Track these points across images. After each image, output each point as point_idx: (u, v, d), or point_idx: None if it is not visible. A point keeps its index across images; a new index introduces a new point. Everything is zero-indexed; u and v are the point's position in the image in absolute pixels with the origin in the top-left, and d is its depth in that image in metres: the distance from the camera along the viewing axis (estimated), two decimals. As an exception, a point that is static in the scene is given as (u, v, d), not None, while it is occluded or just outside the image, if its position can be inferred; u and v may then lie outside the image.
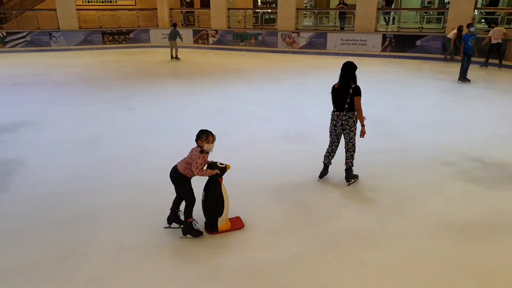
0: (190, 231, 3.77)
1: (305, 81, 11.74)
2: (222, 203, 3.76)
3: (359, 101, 4.49)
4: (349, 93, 4.47)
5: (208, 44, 20.05)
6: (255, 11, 21.50)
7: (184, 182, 3.69)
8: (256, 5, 23.89)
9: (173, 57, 15.77)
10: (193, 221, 3.78)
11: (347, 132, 4.70)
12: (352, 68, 4.51)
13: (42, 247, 3.65)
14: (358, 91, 4.48)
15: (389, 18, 19.00)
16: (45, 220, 4.13)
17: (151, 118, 7.99)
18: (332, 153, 4.93)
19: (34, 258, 3.50)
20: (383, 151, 5.96)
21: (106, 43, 20.66)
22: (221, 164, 3.72)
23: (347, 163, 4.90)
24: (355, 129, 4.69)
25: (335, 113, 4.68)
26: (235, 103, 9.15)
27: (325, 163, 4.99)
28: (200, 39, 20.34)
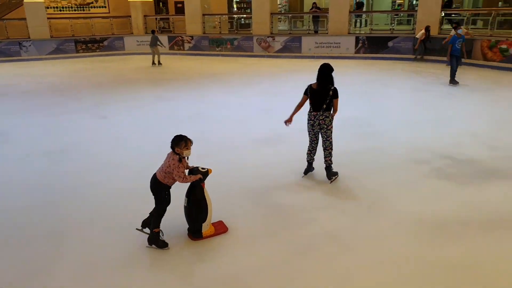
0: (155, 241, 3.65)
1: (281, 84, 11.78)
2: (206, 208, 3.73)
3: (338, 102, 4.76)
4: (328, 95, 4.66)
5: (184, 50, 19.92)
6: (230, 16, 21.51)
7: (163, 191, 3.58)
8: (231, 11, 23.91)
9: (154, 63, 15.94)
10: (160, 231, 3.67)
11: (324, 130, 4.85)
12: (329, 70, 4.70)
13: (7, 266, 3.50)
14: (337, 93, 4.71)
15: (360, 21, 19.30)
16: (11, 236, 3.96)
17: (125, 126, 7.83)
18: (313, 151, 5.10)
19: None
20: (357, 152, 6.02)
21: (79, 51, 20.22)
22: (202, 168, 3.68)
23: (326, 161, 5.02)
24: (331, 127, 4.86)
25: (312, 113, 4.82)
26: (211, 107, 9.09)
27: (308, 160, 5.15)
28: (175, 45, 20.18)
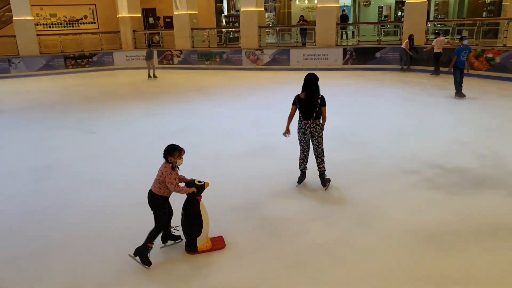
0: (142, 254, 3.54)
1: (270, 96, 11.81)
2: (201, 222, 3.69)
3: (326, 110, 4.88)
4: (317, 103, 4.78)
5: (173, 64, 19.95)
6: (218, 30, 21.65)
7: (161, 205, 3.56)
8: (219, 25, 24.08)
9: (150, 76, 16.24)
10: (151, 248, 3.58)
11: (315, 138, 4.93)
12: (314, 79, 4.81)
13: (-10, 289, 3.38)
14: (324, 101, 4.85)
15: (346, 33, 19.47)
16: (-5, 258, 3.85)
17: (113, 141, 7.75)
18: (305, 159, 5.13)
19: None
20: (346, 162, 6.01)
21: (68, 67, 20.14)
22: (199, 182, 3.65)
23: (319, 169, 5.09)
24: (322, 134, 4.97)
25: (303, 122, 4.90)
26: (200, 121, 9.05)
27: (301, 169, 5.18)
28: (164, 59, 20.21)
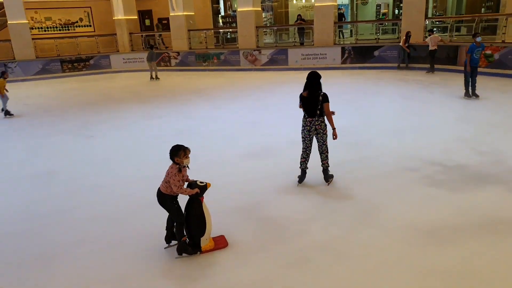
0: (185, 249, 3.68)
1: (269, 96, 11.78)
2: (204, 223, 3.71)
3: (328, 106, 4.88)
4: (319, 100, 4.82)
5: (170, 66, 19.91)
6: (216, 31, 21.63)
7: (167, 201, 3.62)
8: (216, 26, 24.05)
9: (152, 77, 16.39)
10: (186, 239, 3.69)
11: (320, 135, 5.00)
12: (317, 77, 4.89)
13: (-12, 295, 3.35)
14: (326, 98, 4.88)
15: (342, 32, 19.29)
16: (-5, 263, 3.81)
17: (112, 145, 7.72)
18: (307, 158, 5.17)
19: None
20: (347, 161, 5.98)
21: (65, 71, 20.10)
22: (201, 182, 3.68)
23: (323, 164, 5.18)
24: (326, 131, 5.03)
25: (308, 119, 4.95)
26: (198, 123, 9.02)
27: (302, 168, 5.21)
28: (162, 61, 20.16)
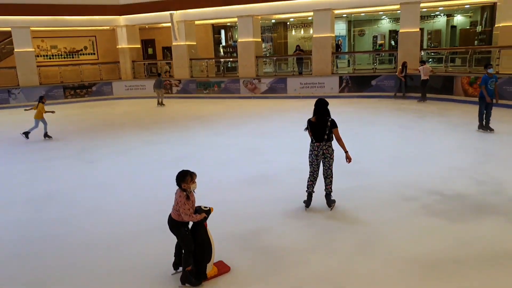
0: (189, 280, 3.63)
1: (268, 124, 11.90)
2: (210, 249, 3.71)
3: (338, 131, 5.12)
4: (327, 126, 5.04)
5: (171, 93, 20.17)
6: (217, 60, 22.06)
7: (180, 227, 3.62)
8: (217, 55, 24.56)
9: (159, 103, 16.91)
10: (190, 271, 3.65)
11: (327, 159, 5.18)
12: (324, 104, 5.17)
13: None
14: (335, 124, 5.12)
15: (336, 63, 19.46)
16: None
17: (111, 171, 7.73)
18: (314, 181, 5.32)
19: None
20: (346, 189, 5.97)
21: (67, 97, 20.36)
22: (205, 207, 3.71)
23: (327, 189, 5.32)
24: (333, 156, 5.21)
25: (315, 144, 5.14)
26: (198, 149, 9.07)
27: (310, 191, 5.35)
28: (163, 88, 20.43)
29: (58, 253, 4.45)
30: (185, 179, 3.53)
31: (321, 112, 5.10)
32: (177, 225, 3.60)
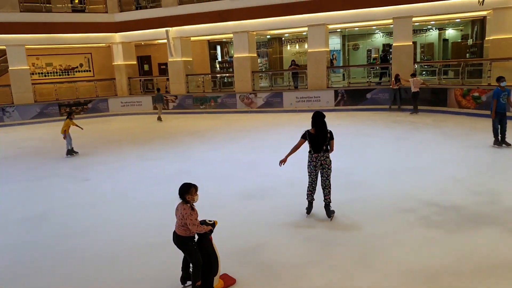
0: None
1: (264, 138, 11.92)
2: (217, 261, 3.73)
3: (333, 143, 5.36)
4: (327, 137, 5.22)
5: (168, 109, 20.22)
6: (213, 75, 22.21)
7: (188, 242, 3.62)
8: (213, 70, 24.74)
9: (159, 118, 17.35)
10: (201, 284, 3.64)
11: (325, 170, 5.30)
12: (322, 116, 5.34)
13: None
14: (333, 135, 5.33)
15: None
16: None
17: (108, 188, 7.67)
18: (313, 191, 5.47)
19: None
20: (344, 202, 5.95)
21: (63, 114, 20.25)
22: (209, 220, 3.75)
23: (326, 200, 5.41)
24: (331, 166, 5.34)
25: (313, 155, 5.28)
26: (194, 165, 9.03)
27: (309, 200, 5.51)
28: (162, 103, 20.48)
29: (52, 273, 4.39)
30: (190, 190, 3.60)
31: (319, 124, 5.26)
32: (184, 241, 3.61)
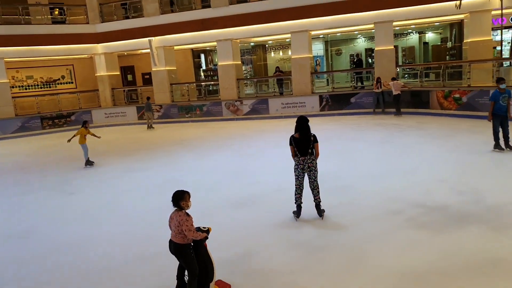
0: None
1: (251, 145, 11.92)
2: (212, 268, 3.73)
3: (318, 146, 5.48)
4: (311, 141, 5.38)
5: (153, 118, 20.05)
6: (198, 84, 22.16)
7: (186, 250, 3.61)
8: (198, 79, 24.69)
9: (149, 126, 17.74)
10: None
11: (312, 172, 5.46)
12: (306, 121, 5.49)
13: None
14: (316, 139, 5.48)
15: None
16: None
17: (93, 202, 7.54)
18: (301, 194, 5.59)
19: None
20: (331, 206, 5.97)
21: (45, 127, 20.00)
22: (204, 227, 3.76)
23: (316, 200, 5.57)
24: (317, 168, 5.51)
25: (300, 158, 5.42)
26: (182, 174, 8.97)
27: (298, 203, 5.60)
28: (144, 114, 20.33)
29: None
30: (184, 196, 3.63)
31: (303, 128, 5.41)
32: (182, 249, 3.61)
